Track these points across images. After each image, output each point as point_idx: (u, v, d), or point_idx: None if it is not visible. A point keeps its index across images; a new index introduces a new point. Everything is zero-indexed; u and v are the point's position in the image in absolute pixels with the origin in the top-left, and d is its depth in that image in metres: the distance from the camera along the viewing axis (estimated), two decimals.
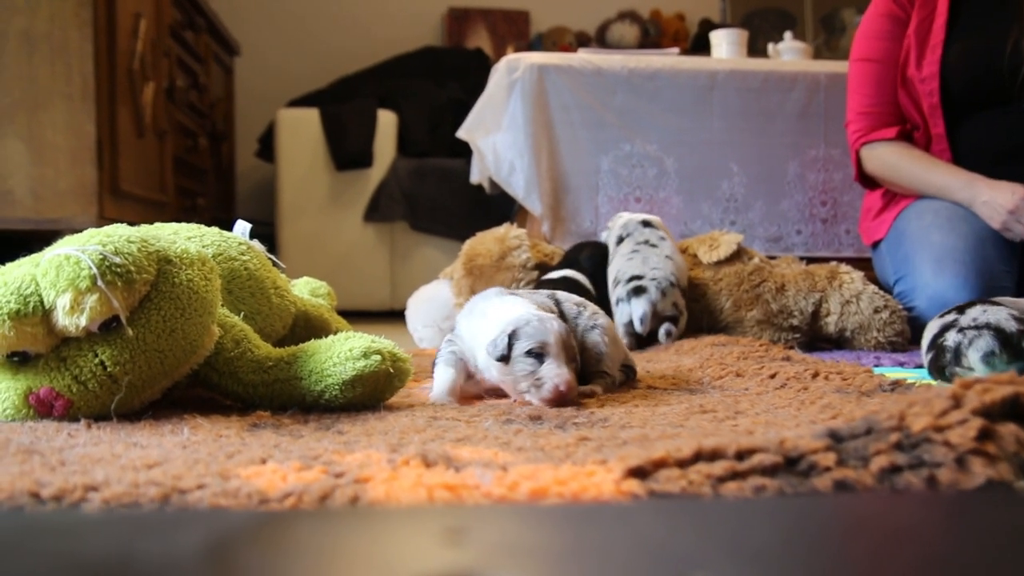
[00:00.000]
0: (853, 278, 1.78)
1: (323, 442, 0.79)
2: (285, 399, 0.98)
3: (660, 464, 0.65)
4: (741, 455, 0.66)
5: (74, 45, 2.05)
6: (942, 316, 1.35)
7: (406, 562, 0.40)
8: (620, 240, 1.84)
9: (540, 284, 1.82)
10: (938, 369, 1.30)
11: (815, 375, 1.14)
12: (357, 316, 2.96)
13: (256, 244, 1.24)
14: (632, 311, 1.66)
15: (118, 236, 0.90)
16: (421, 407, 1.01)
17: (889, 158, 1.97)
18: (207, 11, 3.16)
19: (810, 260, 2.03)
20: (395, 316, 3.22)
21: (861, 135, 2.01)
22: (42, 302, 0.85)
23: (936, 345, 1.29)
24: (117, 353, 0.87)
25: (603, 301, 1.71)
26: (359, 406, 0.98)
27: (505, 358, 1.01)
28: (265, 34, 4.06)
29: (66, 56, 2.04)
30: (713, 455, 0.66)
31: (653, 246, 1.77)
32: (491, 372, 1.05)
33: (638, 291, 1.68)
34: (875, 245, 2.07)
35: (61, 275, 0.85)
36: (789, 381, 1.13)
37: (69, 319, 0.85)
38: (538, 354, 1.00)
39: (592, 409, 1.00)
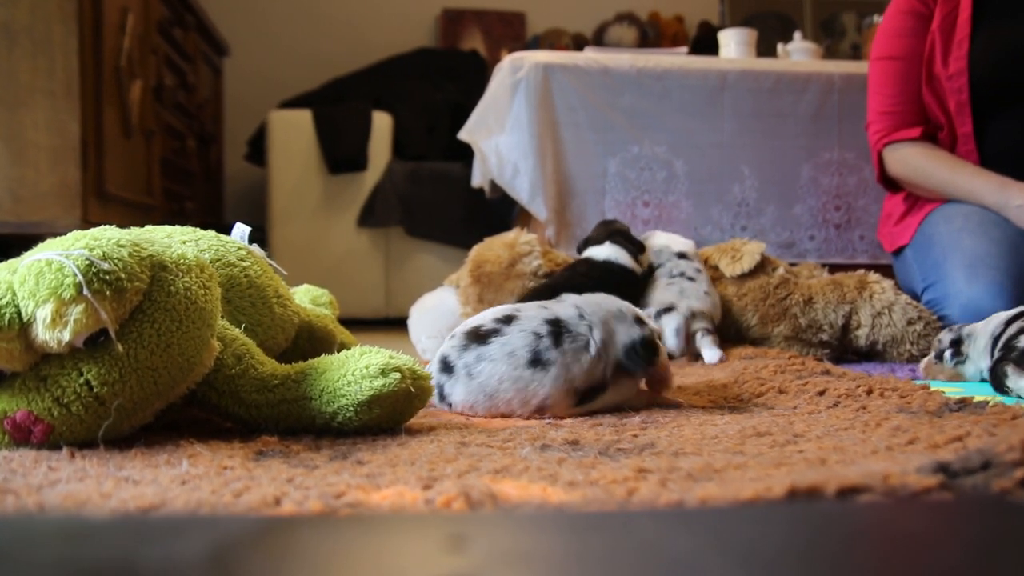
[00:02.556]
0: (884, 288, 1.69)
1: (343, 475, 0.69)
2: (293, 421, 0.88)
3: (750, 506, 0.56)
4: (843, 494, 0.57)
5: (57, 39, 1.93)
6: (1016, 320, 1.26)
7: (408, 569, 0.39)
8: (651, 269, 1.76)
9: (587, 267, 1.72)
10: (997, 377, 1.19)
11: (869, 392, 1.05)
12: (350, 324, 2.83)
13: (256, 249, 1.14)
14: (664, 325, 1.58)
15: (106, 239, 0.79)
16: (445, 430, 0.91)
17: (913, 159, 1.89)
18: (196, 8, 3.05)
19: (832, 268, 1.94)
20: (390, 324, 3.12)
21: (883, 135, 1.93)
22: (19, 314, 0.75)
23: (1009, 346, 1.19)
24: (105, 371, 0.77)
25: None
26: (375, 430, 0.88)
27: None
28: (255, 35, 3.94)
29: (49, 51, 1.93)
30: (811, 494, 0.56)
31: (691, 279, 1.69)
32: None
33: (667, 310, 1.60)
34: (898, 251, 1.98)
35: (41, 283, 0.74)
36: (841, 399, 1.03)
37: (50, 333, 0.74)
38: None
39: (634, 432, 0.90)
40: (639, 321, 1.08)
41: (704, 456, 0.77)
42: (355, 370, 0.87)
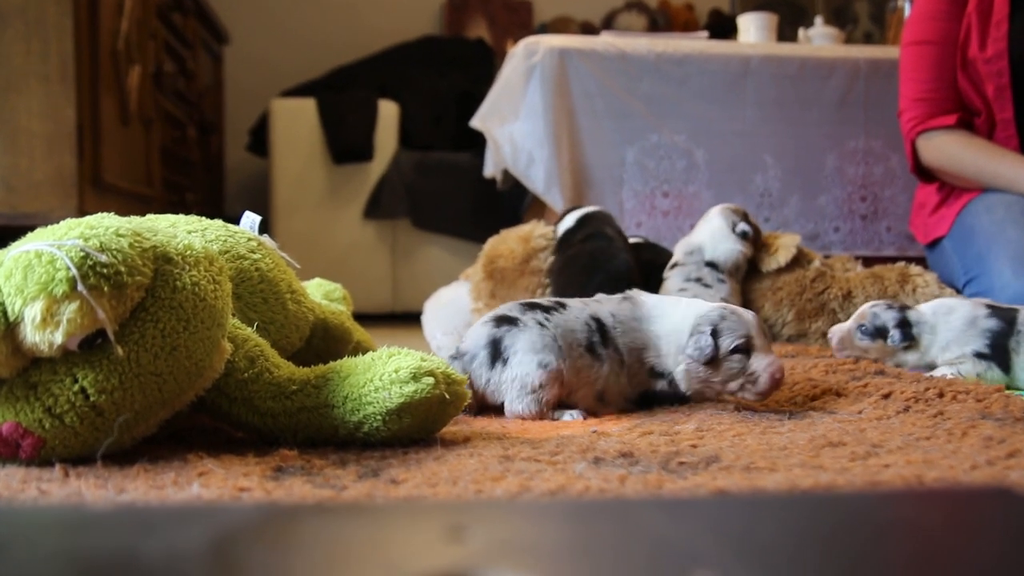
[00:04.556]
0: (927, 281, 1.60)
1: (376, 498, 0.60)
2: (313, 432, 0.79)
3: None
4: None
5: (52, 21, 1.84)
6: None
7: (409, 559, 0.39)
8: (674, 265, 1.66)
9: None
10: None
11: (940, 395, 0.96)
12: (356, 320, 2.75)
13: (267, 240, 1.05)
14: None
15: (104, 228, 0.70)
16: (483, 441, 0.82)
17: (950, 148, 1.80)
18: None
19: (866, 261, 1.85)
20: (397, 320, 3.03)
21: (917, 123, 1.84)
22: (5, 313, 0.66)
23: None
24: (103, 378, 0.68)
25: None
26: (406, 441, 0.79)
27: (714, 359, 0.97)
28: (256, 22, 3.84)
29: (43, 33, 1.83)
30: None
31: (707, 286, 1.58)
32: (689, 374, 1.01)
33: None
34: (934, 243, 1.89)
35: (30, 278, 0.65)
36: (911, 403, 0.94)
37: (40, 334, 0.65)
38: (745, 349, 0.97)
39: (691, 441, 0.81)
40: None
41: (781, 472, 0.68)
42: (383, 374, 0.77)
